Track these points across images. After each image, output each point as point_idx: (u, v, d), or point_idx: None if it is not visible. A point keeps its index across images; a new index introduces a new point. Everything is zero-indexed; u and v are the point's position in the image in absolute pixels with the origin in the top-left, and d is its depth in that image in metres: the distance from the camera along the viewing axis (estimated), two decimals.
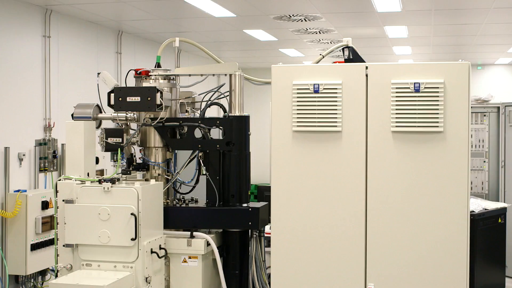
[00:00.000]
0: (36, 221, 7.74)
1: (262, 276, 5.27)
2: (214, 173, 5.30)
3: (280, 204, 4.34)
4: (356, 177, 4.21)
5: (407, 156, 4.14)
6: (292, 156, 4.32)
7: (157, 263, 4.89)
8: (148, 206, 4.80)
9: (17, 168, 7.87)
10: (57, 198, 4.92)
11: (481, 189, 10.13)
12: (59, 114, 8.53)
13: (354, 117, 4.21)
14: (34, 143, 8.18)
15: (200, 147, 5.29)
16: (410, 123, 4.11)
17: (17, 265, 7.68)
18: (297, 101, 4.27)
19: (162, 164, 5.34)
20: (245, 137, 5.29)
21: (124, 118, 5.24)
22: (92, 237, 4.74)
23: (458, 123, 4.10)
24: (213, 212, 5.23)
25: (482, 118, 10.03)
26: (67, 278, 4.60)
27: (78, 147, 5.01)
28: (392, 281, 4.16)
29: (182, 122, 5.30)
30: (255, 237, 5.25)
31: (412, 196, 4.14)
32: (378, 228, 4.19)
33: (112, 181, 4.80)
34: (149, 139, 5.34)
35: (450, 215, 4.11)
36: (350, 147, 4.22)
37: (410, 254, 4.15)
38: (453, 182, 4.11)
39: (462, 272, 4.10)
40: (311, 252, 4.28)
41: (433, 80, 4.09)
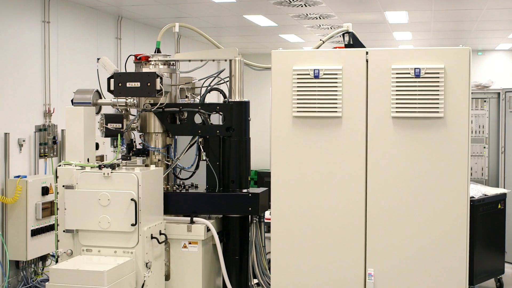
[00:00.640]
0: (36, 206, 7.75)
1: (262, 261, 5.28)
2: (214, 158, 5.30)
3: (280, 190, 4.34)
4: (356, 163, 4.20)
5: (407, 141, 4.14)
6: (292, 141, 4.31)
7: (157, 249, 4.90)
8: (148, 192, 4.80)
9: (17, 154, 7.86)
10: (57, 184, 4.92)
11: (481, 175, 10.13)
12: (59, 100, 8.52)
13: (354, 102, 4.20)
14: (34, 128, 8.17)
15: (200, 132, 5.28)
16: (410, 108, 4.10)
17: (18, 251, 7.69)
18: (297, 86, 4.26)
19: (162, 150, 5.34)
20: (245, 122, 5.29)
21: (124, 104, 5.24)
22: (92, 223, 4.75)
23: (459, 108, 4.09)
24: (213, 198, 5.23)
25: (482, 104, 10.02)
26: (68, 263, 4.61)
27: (78, 133, 5.01)
28: (392, 266, 4.17)
29: (182, 107, 5.30)
30: (255, 223, 5.25)
31: (412, 182, 4.14)
32: (377, 214, 4.19)
33: (112, 166, 4.80)
34: (149, 125, 5.34)
35: (450, 200, 4.11)
36: (350, 132, 4.21)
37: (409, 239, 4.15)
38: (453, 168, 4.10)
39: (462, 257, 4.11)
40: (311, 237, 4.29)
41: (433, 66, 4.08)
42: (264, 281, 5.28)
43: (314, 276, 4.27)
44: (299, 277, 4.29)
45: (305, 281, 4.28)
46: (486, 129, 10.06)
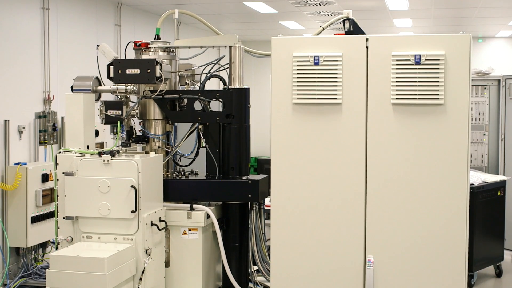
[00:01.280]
0: (36, 193, 7.75)
1: (262, 248, 5.29)
2: (214, 145, 5.30)
3: (280, 177, 4.34)
4: (356, 150, 4.20)
5: (407, 128, 4.13)
6: (292, 128, 4.31)
7: (157, 235, 4.91)
8: (148, 179, 4.81)
9: (16, 140, 7.85)
10: (57, 171, 4.92)
11: (481, 162, 10.13)
12: (59, 87, 8.50)
13: (355, 89, 4.19)
14: (33, 115, 8.16)
15: (200, 119, 5.28)
16: (411, 95, 4.09)
17: (18, 238, 7.70)
18: (297, 73, 4.25)
19: (162, 137, 5.34)
20: (245, 109, 5.29)
21: (124, 91, 5.24)
22: (92, 210, 4.75)
23: (459, 95, 4.08)
24: (213, 185, 5.23)
25: (483, 91, 10.00)
26: (68, 250, 4.62)
27: (78, 120, 5.01)
28: (391, 253, 4.18)
29: (182, 94, 5.29)
30: (255, 210, 5.26)
31: (411, 169, 4.14)
32: (377, 200, 4.19)
33: (112, 153, 4.80)
34: (148, 112, 5.34)
35: (450, 187, 4.11)
36: (350, 120, 4.21)
37: (409, 226, 4.16)
38: (453, 155, 4.10)
39: (461, 244, 4.11)
40: (311, 224, 4.29)
41: (434, 52, 4.07)
42: (264, 267, 5.30)
43: (314, 263, 4.28)
44: (299, 264, 4.30)
45: (305, 268, 4.29)
46: (486, 116, 10.06)
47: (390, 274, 4.18)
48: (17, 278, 7.70)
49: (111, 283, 4.37)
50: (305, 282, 4.29)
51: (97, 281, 4.33)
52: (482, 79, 10.00)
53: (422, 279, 4.14)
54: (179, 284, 5.14)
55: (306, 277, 4.28)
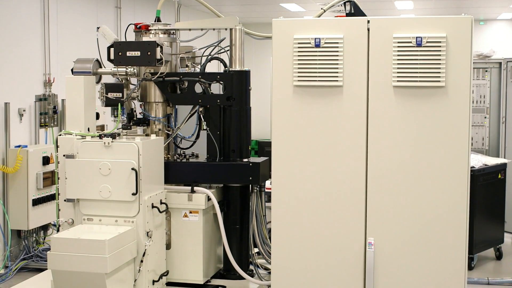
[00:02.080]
0: (37, 176, 7.75)
1: (263, 230, 5.30)
2: (214, 128, 5.30)
3: (281, 159, 4.33)
4: (356, 132, 4.20)
5: (408, 110, 4.12)
6: (293, 111, 4.30)
7: (158, 218, 4.92)
8: (148, 161, 4.81)
9: (17, 123, 7.85)
10: (58, 153, 4.92)
11: (482, 145, 10.13)
12: (59, 69, 8.49)
13: (355, 71, 4.18)
14: (34, 98, 8.15)
15: (200, 102, 5.28)
16: (412, 77, 4.08)
17: (19, 220, 7.71)
18: (298, 55, 4.24)
19: (162, 119, 5.34)
20: (246, 92, 5.28)
21: (124, 73, 5.23)
22: (93, 192, 4.76)
23: (460, 78, 4.07)
24: (214, 167, 5.24)
25: (484, 73, 9.98)
26: (69, 232, 4.63)
27: (78, 102, 5.00)
28: (392, 236, 4.19)
29: (183, 77, 5.29)
30: (255, 192, 5.27)
31: (412, 151, 4.13)
32: (378, 183, 4.19)
33: (112, 136, 4.80)
34: (149, 94, 5.33)
35: (451, 170, 4.11)
36: (351, 102, 4.20)
37: (410, 208, 4.16)
38: (453, 138, 4.10)
39: (462, 227, 4.12)
40: (311, 207, 4.29)
41: (435, 35, 4.05)
42: (264, 250, 5.31)
43: (315, 245, 4.29)
44: (300, 246, 4.31)
45: (305, 250, 4.30)
46: (487, 99, 10.04)
47: (391, 256, 4.19)
48: (18, 261, 7.73)
49: (112, 265, 4.39)
50: (306, 264, 4.30)
51: (98, 263, 4.34)
52: (483, 62, 9.98)
53: (422, 261, 4.15)
54: (180, 266, 5.15)
55: (307, 259, 4.30)
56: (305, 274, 4.30)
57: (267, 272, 5.39)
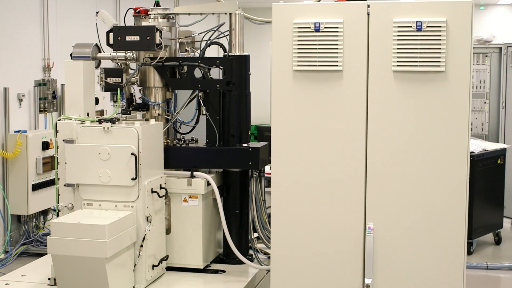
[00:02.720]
0: (37, 161, 7.76)
1: (262, 215, 5.31)
2: (214, 113, 5.29)
3: (280, 144, 4.33)
4: (356, 117, 4.19)
5: (408, 95, 4.12)
6: (293, 96, 4.29)
7: (157, 203, 4.92)
8: (148, 146, 4.81)
9: (16, 108, 7.85)
10: (57, 138, 4.92)
11: (481, 130, 10.14)
12: (58, 54, 8.47)
13: (355, 56, 4.17)
14: (33, 83, 8.14)
15: (200, 87, 5.27)
16: (412, 62, 4.07)
17: (19, 205, 7.73)
18: (298, 40, 4.23)
19: (162, 104, 5.33)
20: (245, 77, 5.27)
21: (123, 58, 5.22)
22: (93, 177, 4.76)
23: (460, 63, 4.06)
24: (213, 152, 5.24)
25: (484, 58, 9.97)
26: (69, 217, 4.64)
27: (78, 87, 4.99)
28: (391, 220, 4.19)
29: (182, 61, 5.27)
30: (255, 177, 5.27)
31: (412, 136, 4.13)
32: (377, 168, 4.19)
33: (112, 121, 4.79)
34: (148, 79, 5.32)
35: (450, 155, 4.11)
36: (350, 86, 4.19)
37: (409, 193, 4.16)
38: (453, 123, 4.09)
39: (461, 212, 4.12)
40: (311, 192, 4.30)
41: (435, 19, 4.04)
42: (264, 235, 5.32)
43: (314, 230, 4.29)
44: (299, 231, 4.32)
45: (305, 235, 4.31)
46: (487, 84, 10.04)
47: (390, 241, 4.19)
48: (18, 245, 7.75)
49: (112, 250, 4.40)
50: (305, 249, 4.31)
51: (98, 248, 4.35)
52: (483, 47, 9.97)
53: (421, 246, 4.16)
54: (180, 251, 5.17)
55: (306, 244, 4.30)
56: (304, 259, 4.31)
57: (267, 257, 5.41)
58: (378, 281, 4.20)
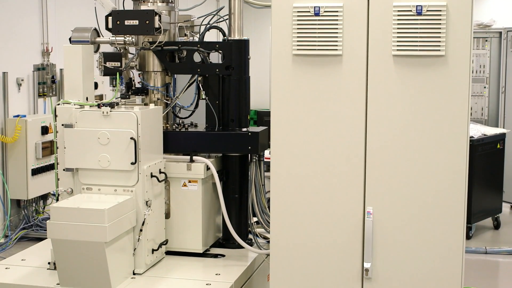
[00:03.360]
0: (36, 146, 7.77)
1: (262, 200, 5.31)
2: (213, 97, 5.28)
3: (280, 129, 4.33)
4: (356, 101, 4.18)
5: (408, 80, 4.11)
6: (292, 80, 4.29)
7: (157, 187, 4.92)
8: (147, 131, 4.80)
9: (15, 93, 7.85)
10: (56, 123, 4.91)
11: (481, 115, 10.14)
12: (57, 39, 8.45)
13: (355, 40, 4.16)
14: (32, 68, 8.14)
15: (199, 71, 5.26)
16: (412, 46, 4.06)
17: (19, 190, 7.75)
18: (297, 24, 4.21)
19: (161, 89, 5.32)
20: (245, 61, 5.26)
21: (122, 42, 5.20)
22: (92, 161, 4.76)
23: (460, 47, 4.05)
24: (213, 137, 5.23)
25: (484, 43, 9.96)
26: (68, 201, 4.64)
27: (77, 71, 4.98)
28: (390, 205, 4.19)
29: (181, 46, 5.26)
30: (254, 162, 5.27)
31: (411, 121, 4.13)
32: (377, 152, 4.19)
33: (111, 105, 4.78)
34: (148, 63, 5.31)
35: (450, 140, 4.10)
36: (350, 71, 4.18)
37: (408, 178, 4.16)
38: (453, 107, 4.08)
39: (460, 196, 4.13)
40: (310, 176, 4.30)
41: (435, 3, 4.02)
42: (263, 219, 5.33)
43: (314, 214, 4.30)
44: (299, 216, 4.32)
45: (304, 219, 4.31)
46: (487, 68, 10.03)
47: (389, 225, 4.20)
48: (18, 230, 7.78)
49: (111, 234, 4.40)
50: (304, 233, 4.31)
51: (98, 232, 4.35)
52: (483, 31, 9.95)
53: (420, 230, 4.17)
54: (180, 235, 5.17)
55: (306, 228, 4.31)
56: (304, 243, 4.32)
57: (266, 241, 5.42)
58: (377, 265, 4.21)
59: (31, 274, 4.84)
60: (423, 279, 4.17)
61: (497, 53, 9.86)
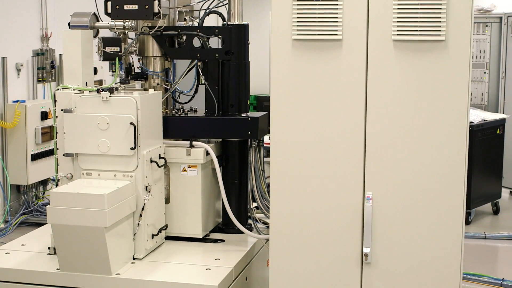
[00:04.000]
0: (36, 131, 7.77)
1: (261, 185, 5.32)
2: (213, 82, 5.27)
3: (279, 114, 4.32)
4: (356, 86, 4.18)
5: (408, 65, 4.10)
6: (292, 65, 4.27)
7: (156, 172, 4.92)
8: (147, 116, 4.80)
9: (15, 78, 7.83)
10: (56, 108, 4.90)
11: (481, 100, 10.13)
12: (56, 24, 8.42)
13: (355, 25, 4.14)
14: (31, 53, 8.12)
15: (198, 56, 5.24)
16: (412, 31, 4.05)
17: (18, 175, 7.75)
18: (297, 9, 4.19)
19: (160, 74, 5.31)
20: (244, 46, 5.24)
21: (122, 27, 5.19)
22: (92, 147, 4.75)
23: (460, 32, 4.03)
24: (212, 122, 5.23)
25: (484, 28, 9.93)
26: (68, 187, 4.64)
27: (76, 56, 4.96)
28: (390, 190, 4.19)
29: (181, 31, 5.24)
30: (254, 147, 5.27)
31: (411, 106, 4.12)
32: (376, 138, 4.18)
33: (110, 90, 4.77)
34: (147, 48, 5.29)
35: (450, 125, 4.10)
36: (350, 56, 4.17)
37: (408, 163, 4.16)
38: (453, 92, 4.08)
39: (460, 182, 4.13)
40: (310, 161, 4.29)
41: None
42: (263, 204, 5.34)
43: (313, 200, 4.30)
44: (298, 201, 4.32)
45: (304, 205, 4.31)
46: (487, 54, 10.01)
47: (389, 210, 4.20)
48: (18, 215, 7.79)
49: (111, 219, 4.41)
50: (304, 218, 4.32)
51: (98, 217, 4.35)
52: (483, 16, 9.92)
53: (420, 216, 4.17)
54: (179, 221, 5.18)
55: (305, 213, 4.31)
56: (303, 228, 4.32)
57: (266, 226, 5.43)
58: (377, 250, 4.21)
59: (31, 259, 4.85)
60: (422, 264, 4.18)
61: (497, 38, 9.84)
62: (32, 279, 4.64)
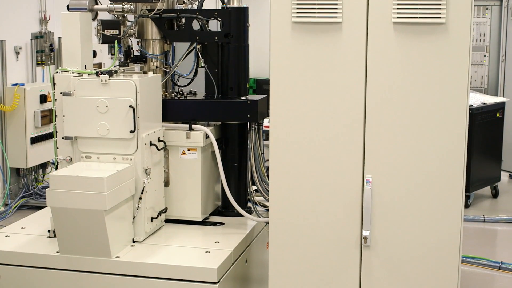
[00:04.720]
0: (35, 114, 7.76)
1: (261, 168, 5.32)
2: (212, 65, 5.26)
3: (279, 97, 4.31)
4: (355, 69, 4.17)
5: (408, 48, 4.09)
6: (292, 48, 4.26)
7: (156, 155, 4.92)
8: (146, 99, 4.79)
9: (14, 61, 7.81)
10: (55, 91, 4.89)
11: (480, 84, 10.12)
12: (55, 6, 8.39)
13: (355, 7, 4.12)
14: (30, 36, 8.09)
15: (198, 39, 5.23)
16: (412, 13, 4.03)
17: (18, 159, 7.75)
18: None
19: (160, 57, 5.30)
20: (244, 29, 5.22)
21: (121, 10, 5.17)
22: (91, 130, 4.75)
23: (461, 15, 4.02)
24: (212, 105, 5.22)
25: (484, 11, 9.90)
26: (67, 170, 4.64)
27: (75, 39, 4.95)
28: (389, 173, 4.20)
29: (180, 13, 5.22)
30: (253, 130, 5.26)
31: (411, 89, 4.11)
32: (376, 121, 4.18)
33: (109, 73, 4.76)
34: (146, 31, 5.27)
35: (449, 108, 4.09)
36: (350, 38, 4.15)
37: (407, 147, 4.16)
38: (453, 76, 4.07)
39: (459, 165, 4.13)
40: (309, 144, 4.29)
41: None
42: (262, 187, 5.34)
43: (313, 182, 4.30)
44: (298, 183, 4.33)
45: (303, 187, 4.32)
46: (487, 37, 9.98)
47: (388, 194, 4.20)
48: (18, 198, 7.80)
49: (111, 202, 4.41)
50: (304, 201, 4.32)
51: (97, 200, 4.36)
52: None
53: (419, 199, 4.17)
54: (179, 204, 5.19)
55: (305, 196, 4.32)
56: (303, 211, 4.33)
57: (265, 209, 5.43)
58: (376, 233, 4.22)
59: (31, 242, 4.86)
60: (422, 247, 4.19)
61: (498, 21, 9.81)
62: (32, 262, 4.65)
